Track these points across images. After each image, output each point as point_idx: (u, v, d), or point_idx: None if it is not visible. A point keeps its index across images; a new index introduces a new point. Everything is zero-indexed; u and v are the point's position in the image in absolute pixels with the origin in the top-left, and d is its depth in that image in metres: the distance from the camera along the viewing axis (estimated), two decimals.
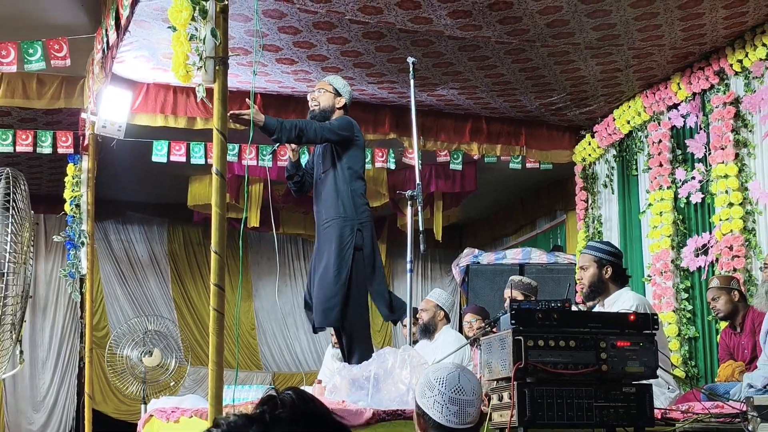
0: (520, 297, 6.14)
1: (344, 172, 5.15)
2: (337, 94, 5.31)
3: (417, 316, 6.72)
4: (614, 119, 8.07)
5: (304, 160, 5.99)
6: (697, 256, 7.02)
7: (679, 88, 7.17)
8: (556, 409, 3.21)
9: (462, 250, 9.22)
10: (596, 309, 4.80)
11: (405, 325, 6.74)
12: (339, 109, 5.31)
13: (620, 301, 4.64)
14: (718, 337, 6.36)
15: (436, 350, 6.42)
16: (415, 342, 6.37)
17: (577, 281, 5.00)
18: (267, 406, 1.20)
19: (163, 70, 6.91)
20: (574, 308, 3.75)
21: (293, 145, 5.33)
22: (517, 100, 7.93)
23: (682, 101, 7.23)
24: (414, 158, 5.31)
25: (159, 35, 6.21)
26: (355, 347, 5.01)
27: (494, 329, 5.42)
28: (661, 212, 7.33)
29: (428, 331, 6.82)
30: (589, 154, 8.59)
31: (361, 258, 5.10)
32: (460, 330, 7.69)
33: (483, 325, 6.38)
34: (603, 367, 3.30)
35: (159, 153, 8.26)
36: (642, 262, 7.74)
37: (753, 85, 6.53)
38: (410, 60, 5.19)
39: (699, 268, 7.02)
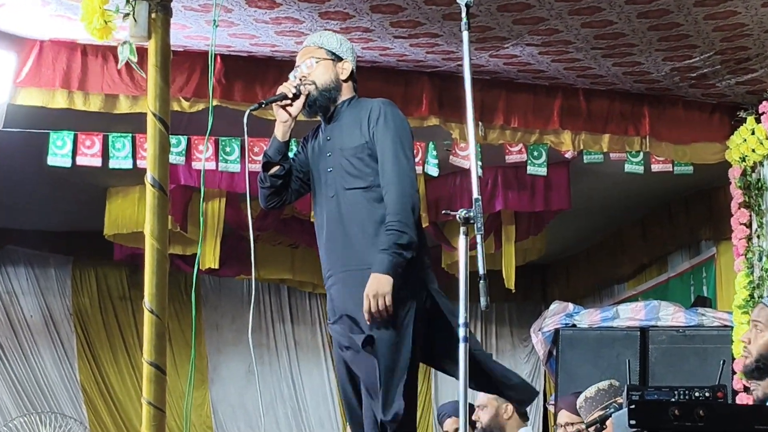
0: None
1: None
2: (336, 57, 5.19)
3: (473, 417, 6.72)
4: None
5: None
6: None
7: None
8: None
9: (547, 305, 9.19)
10: None
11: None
12: (346, 81, 5.20)
13: None
14: None
15: None
16: None
17: (743, 349, 4.97)
18: None
19: (68, 19, 6.97)
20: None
21: (285, 112, 5.03)
22: (636, 63, 7.93)
23: None
24: (469, 157, 5.30)
25: None
26: None
27: None
28: None
29: None
30: (753, 150, 8.56)
31: (425, 320, 4.99)
32: None
33: (581, 428, 6.39)
34: None
35: (59, 151, 8.29)
36: None
37: None
38: (462, 0, 5.19)
39: None
